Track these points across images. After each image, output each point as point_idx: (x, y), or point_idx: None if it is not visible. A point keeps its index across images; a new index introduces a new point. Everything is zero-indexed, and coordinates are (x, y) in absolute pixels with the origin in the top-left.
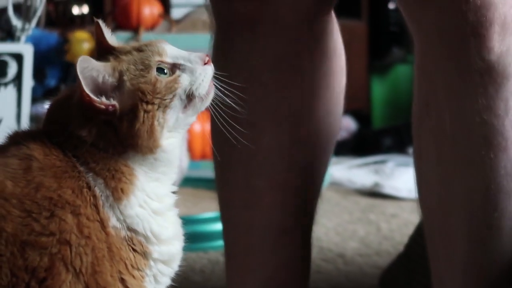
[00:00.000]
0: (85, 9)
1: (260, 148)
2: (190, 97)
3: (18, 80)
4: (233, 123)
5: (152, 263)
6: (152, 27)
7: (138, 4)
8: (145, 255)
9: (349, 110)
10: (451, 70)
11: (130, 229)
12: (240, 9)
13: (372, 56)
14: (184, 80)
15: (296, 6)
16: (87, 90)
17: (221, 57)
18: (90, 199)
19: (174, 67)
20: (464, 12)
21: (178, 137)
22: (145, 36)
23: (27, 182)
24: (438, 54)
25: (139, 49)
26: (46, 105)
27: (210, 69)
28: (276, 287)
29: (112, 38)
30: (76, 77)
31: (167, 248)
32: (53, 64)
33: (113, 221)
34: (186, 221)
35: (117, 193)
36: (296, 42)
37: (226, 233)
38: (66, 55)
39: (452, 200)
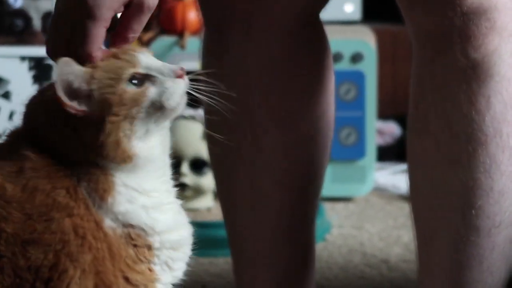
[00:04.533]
0: None
1: (264, 149)
2: (160, 108)
3: None
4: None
5: (157, 252)
6: (196, 32)
7: (183, 9)
8: (148, 246)
9: (393, 115)
10: (437, 71)
11: (125, 225)
12: (237, 6)
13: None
14: (152, 93)
15: (290, 7)
16: (60, 92)
17: (215, 62)
18: (83, 199)
19: (146, 78)
20: (450, 17)
21: (155, 140)
22: (189, 41)
23: (23, 186)
24: (426, 57)
25: (116, 56)
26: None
27: (182, 83)
28: (288, 285)
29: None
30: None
31: (168, 236)
32: None
33: (107, 221)
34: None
35: (100, 192)
36: (290, 44)
37: (232, 237)
38: None
39: (435, 201)
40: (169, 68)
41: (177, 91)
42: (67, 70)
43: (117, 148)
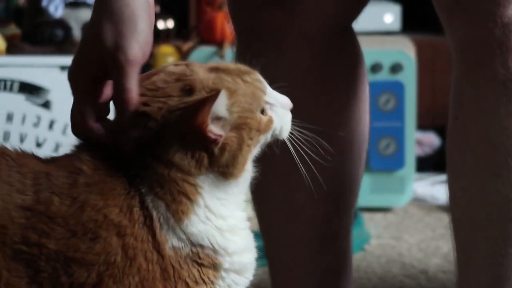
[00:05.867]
0: (170, 24)
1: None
2: (274, 137)
3: None
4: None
5: (224, 273)
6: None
7: (222, 19)
8: (215, 267)
9: (432, 126)
10: (476, 82)
11: (195, 245)
12: (268, 18)
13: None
14: (276, 122)
15: (322, 17)
16: (209, 120)
17: None
18: (141, 219)
19: (269, 106)
20: (491, 28)
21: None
22: (229, 51)
23: (72, 200)
24: (466, 67)
25: (243, 79)
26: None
27: (290, 116)
28: None
29: None
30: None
31: (238, 258)
32: None
33: (173, 242)
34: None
35: (178, 214)
36: (322, 54)
37: (268, 248)
38: (151, 69)
39: (474, 213)
40: (286, 100)
41: (289, 123)
42: (221, 101)
43: (242, 168)
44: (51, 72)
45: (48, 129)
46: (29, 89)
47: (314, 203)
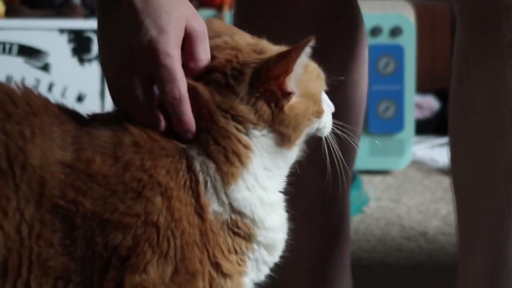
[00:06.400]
0: None
1: None
2: (316, 131)
3: None
4: None
5: (255, 246)
6: None
7: None
8: (249, 237)
9: (432, 89)
10: (482, 44)
11: (235, 211)
12: None
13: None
14: (325, 116)
15: None
16: (292, 67)
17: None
18: (186, 183)
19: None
20: None
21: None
22: (228, 15)
23: (115, 159)
24: (471, 31)
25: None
26: None
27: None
28: (323, 255)
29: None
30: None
31: (273, 234)
32: None
33: (214, 206)
34: None
35: (227, 177)
36: (320, 18)
37: None
38: None
39: (478, 175)
40: (328, 100)
41: (330, 124)
42: (302, 61)
43: (298, 136)
44: (50, 35)
45: (47, 91)
46: (28, 52)
47: (310, 165)
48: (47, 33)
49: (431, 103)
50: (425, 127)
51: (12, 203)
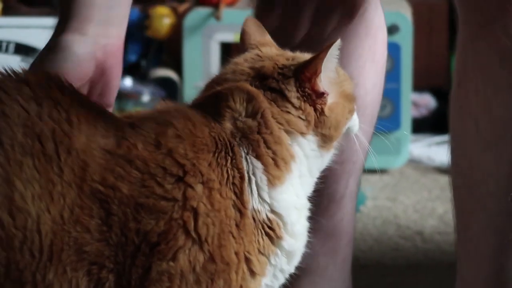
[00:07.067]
0: None
1: None
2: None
3: None
4: None
5: (278, 251)
6: (232, 3)
7: None
8: (276, 241)
9: (428, 87)
10: (479, 50)
11: (274, 211)
12: None
13: (452, 33)
14: (355, 116)
15: None
16: (321, 68)
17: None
18: (229, 178)
19: None
20: None
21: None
22: (225, 12)
23: (157, 145)
24: (469, 32)
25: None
26: (128, 81)
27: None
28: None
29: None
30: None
31: (294, 242)
32: (134, 39)
33: (254, 204)
34: None
35: (273, 179)
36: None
37: None
38: (146, 30)
39: (473, 182)
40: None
41: (357, 124)
42: (334, 53)
43: (339, 135)
44: (47, 33)
45: None
46: (25, 50)
47: None
48: (44, 31)
49: (428, 101)
50: (421, 126)
51: (58, 187)
